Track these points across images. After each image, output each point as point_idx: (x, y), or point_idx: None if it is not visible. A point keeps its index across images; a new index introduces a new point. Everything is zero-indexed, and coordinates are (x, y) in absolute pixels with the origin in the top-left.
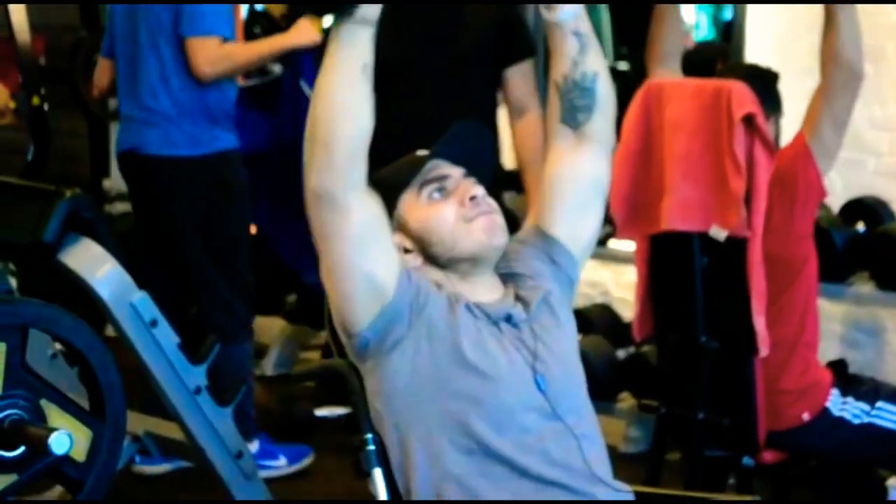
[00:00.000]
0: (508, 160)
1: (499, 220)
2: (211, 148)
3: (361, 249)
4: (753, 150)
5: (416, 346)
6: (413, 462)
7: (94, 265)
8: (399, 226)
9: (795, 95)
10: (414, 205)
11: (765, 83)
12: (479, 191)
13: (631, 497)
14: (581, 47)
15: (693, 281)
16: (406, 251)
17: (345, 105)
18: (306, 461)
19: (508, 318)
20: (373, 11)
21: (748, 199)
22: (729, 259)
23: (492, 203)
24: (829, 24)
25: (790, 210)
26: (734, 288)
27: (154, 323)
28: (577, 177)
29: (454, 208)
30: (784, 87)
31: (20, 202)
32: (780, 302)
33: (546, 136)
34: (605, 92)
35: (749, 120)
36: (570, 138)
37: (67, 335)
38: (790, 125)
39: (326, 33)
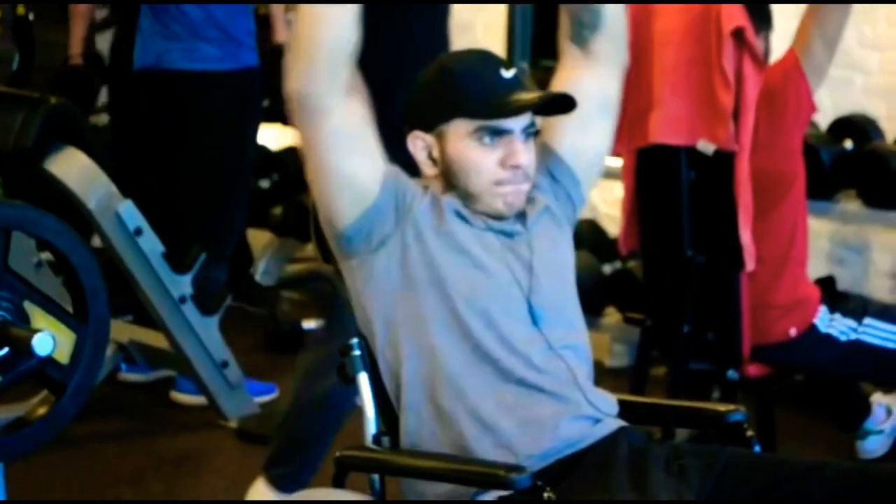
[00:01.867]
0: None
1: (526, 188)
2: (236, 63)
3: (343, 152)
4: (742, 64)
5: (403, 245)
6: (403, 358)
7: (80, 173)
8: (438, 134)
9: (788, 12)
10: (462, 135)
11: None
12: (525, 160)
13: (615, 406)
14: None
15: (680, 195)
16: (431, 158)
17: (327, 13)
18: (267, 398)
19: (502, 231)
20: None
21: (736, 114)
22: (716, 173)
23: (530, 171)
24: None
25: (779, 125)
26: (721, 202)
27: (139, 231)
28: (583, 94)
29: (493, 165)
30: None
31: (4, 109)
32: (768, 218)
33: (557, 55)
34: (613, 10)
35: (738, 34)
36: (577, 56)
37: (51, 238)
38: (782, 41)
39: None
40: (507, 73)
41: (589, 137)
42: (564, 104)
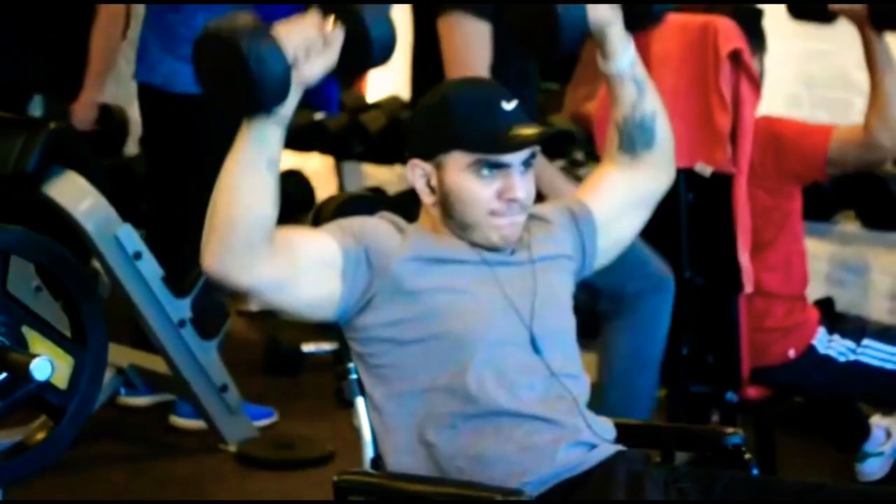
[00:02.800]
0: None
1: (521, 220)
2: None
3: (287, 299)
4: (739, 86)
5: (388, 299)
6: (394, 398)
7: (78, 197)
8: (436, 164)
9: (783, 31)
10: (461, 167)
11: (749, 20)
12: (522, 193)
13: (613, 432)
14: (639, 92)
15: (678, 217)
16: (429, 186)
17: (245, 197)
18: (267, 422)
19: (499, 262)
20: (287, 113)
21: (734, 136)
22: (714, 195)
23: (527, 203)
24: (875, 88)
25: (785, 175)
26: (719, 224)
27: (138, 255)
28: (628, 182)
29: (490, 197)
30: (770, 25)
31: (3, 133)
32: (763, 255)
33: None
34: (665, 128)
35: (735, 56)
36: (626, 160)
37: (49, 262)
38: (775, 64)
39: None
40: (508, 106)
41: (624, 221)
42: (564, 138)
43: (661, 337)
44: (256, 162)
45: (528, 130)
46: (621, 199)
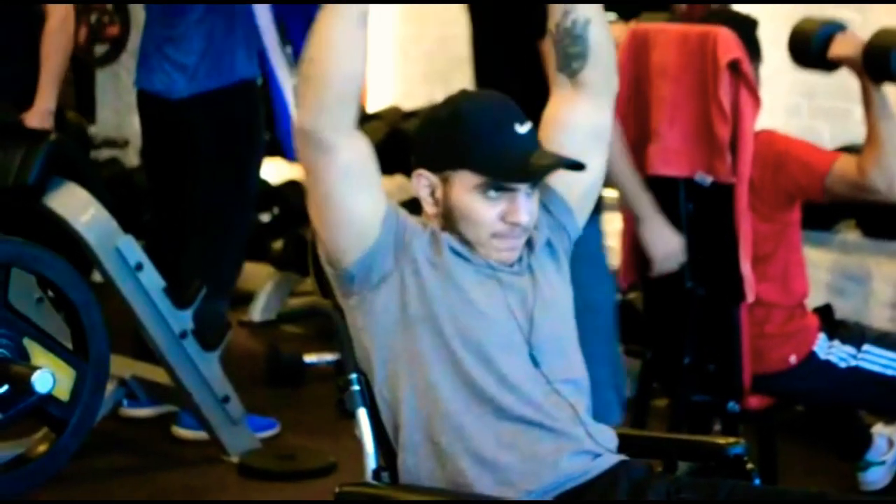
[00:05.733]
0: None
1: (521, 243)
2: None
3: (347, 190)
4: (739, 96)
5: (402, 282)
6: (401, 396)
7: (79, 209)
8: (443, 178)
9: (781, 41)
10: (468, 186)
11: (745, 30)
12: (526, 218)
13: (615, 440)
14: None
15: (679, 227)
16: (433, 197)
17: (340, 47)
18: (269, 433)
19: (500, 270)
20: None
21: (733, 145)
22: (715, 205)
23: (529, 227)
24: (871, 134)
25: (782, 194)
26: (720, 234)
27: (139, 267)
28: (574, 124)
29: (494, 218)
30: (766, 34)
31: (4, 145)
32: (762, 267)
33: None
34: (599, 38)
35: (735, 66)
36: (567, 86)
37: (50, 274)
38: (774, 74)
39: None
40: (522, 129)
41: (582, 173)
42: (580, 167)
43: None
44: (350, 15)
45: (546, 161)
46: (575, 146)
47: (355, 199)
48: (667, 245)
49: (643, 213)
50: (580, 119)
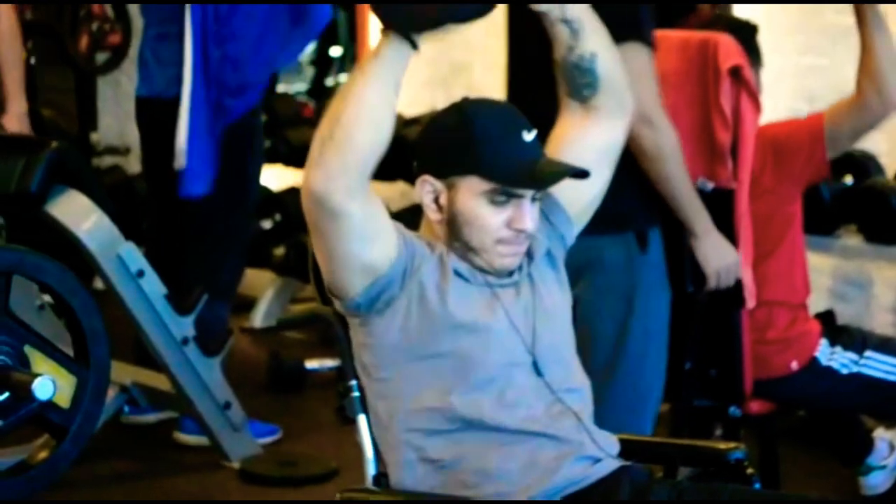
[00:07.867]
0: None
1: (523, 250)
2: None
3: (358, 246)
4: (740, 102)
5: (407, 306)
6: (397, 414)
7: (81, 216)
8: (449, 184)
9: (782, 47)
10: (475, 192)
11: (745, 36)
12: (530, 225)
13: (616, 446)
14: (572, 32)
15: (680, 232)
16: (437, 203)
17: (375, 114)
18: (270, 439)
19: (501, 284)
20: (420, 40)
21: (734, 151)
22: (716, 210)
23: (532, 233)
24: (866, 49)
25: (786, 178)
26: None
27: (141, 273)
28: (585, 142)
29: (499, 224)
30: (767, 42)
31: (6, 153)
32: (766, 263)
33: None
34: (608, 67)
35: (735, 72)
36: (578, 110)
37: (51, 282)
38: (775, 79)
39: None
40: (528, 137)
41: (586, 185)
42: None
43: None
44: (388, 80)
45: (554, 168)
46: (581, 163)
47: (366, 251)
48: (723, 259)
49: (700, 228)
50: (592, 139)
